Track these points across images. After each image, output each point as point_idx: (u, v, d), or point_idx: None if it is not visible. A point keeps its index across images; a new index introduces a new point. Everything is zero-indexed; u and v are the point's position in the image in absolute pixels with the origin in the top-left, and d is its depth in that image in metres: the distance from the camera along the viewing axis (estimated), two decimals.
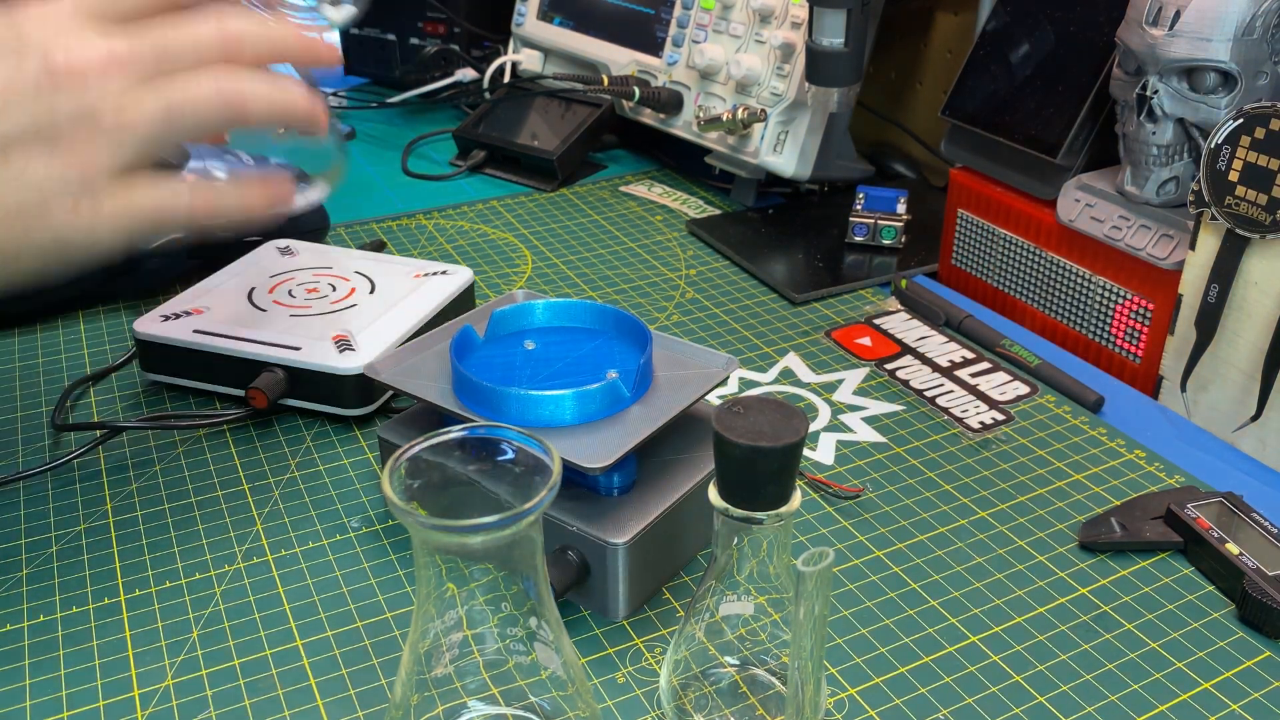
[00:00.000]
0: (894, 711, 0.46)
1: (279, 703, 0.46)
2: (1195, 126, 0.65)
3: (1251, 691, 0.47)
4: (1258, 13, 0.61)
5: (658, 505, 0.50)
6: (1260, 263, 0.61)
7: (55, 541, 0.55)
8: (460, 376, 0.52)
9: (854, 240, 0.85)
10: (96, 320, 0.75)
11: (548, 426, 0.50)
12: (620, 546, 0.48)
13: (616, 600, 0.50)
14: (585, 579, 0.50)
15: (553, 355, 0.55)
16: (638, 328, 0.55)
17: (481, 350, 0.55)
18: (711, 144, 0.94)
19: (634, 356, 0.54)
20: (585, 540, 0.49)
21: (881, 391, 0.68)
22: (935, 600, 0.52)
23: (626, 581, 0.49)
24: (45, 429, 0.64)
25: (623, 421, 0.51)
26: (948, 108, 0.81)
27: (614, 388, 0.51)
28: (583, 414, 0.50)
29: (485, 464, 0.39)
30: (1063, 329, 0.76)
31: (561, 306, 0.58)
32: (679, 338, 0.58)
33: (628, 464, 0.51)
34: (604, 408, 0.51)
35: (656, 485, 0.52)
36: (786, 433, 0.39)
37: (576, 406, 0.50)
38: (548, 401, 0.50)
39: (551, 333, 0.57)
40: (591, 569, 0.49)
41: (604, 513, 0.50)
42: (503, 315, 0.57)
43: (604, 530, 0.49)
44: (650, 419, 0.51)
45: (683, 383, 0.53)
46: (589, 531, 0.49)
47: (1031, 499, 0.59)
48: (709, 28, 0.93)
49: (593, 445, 0.49)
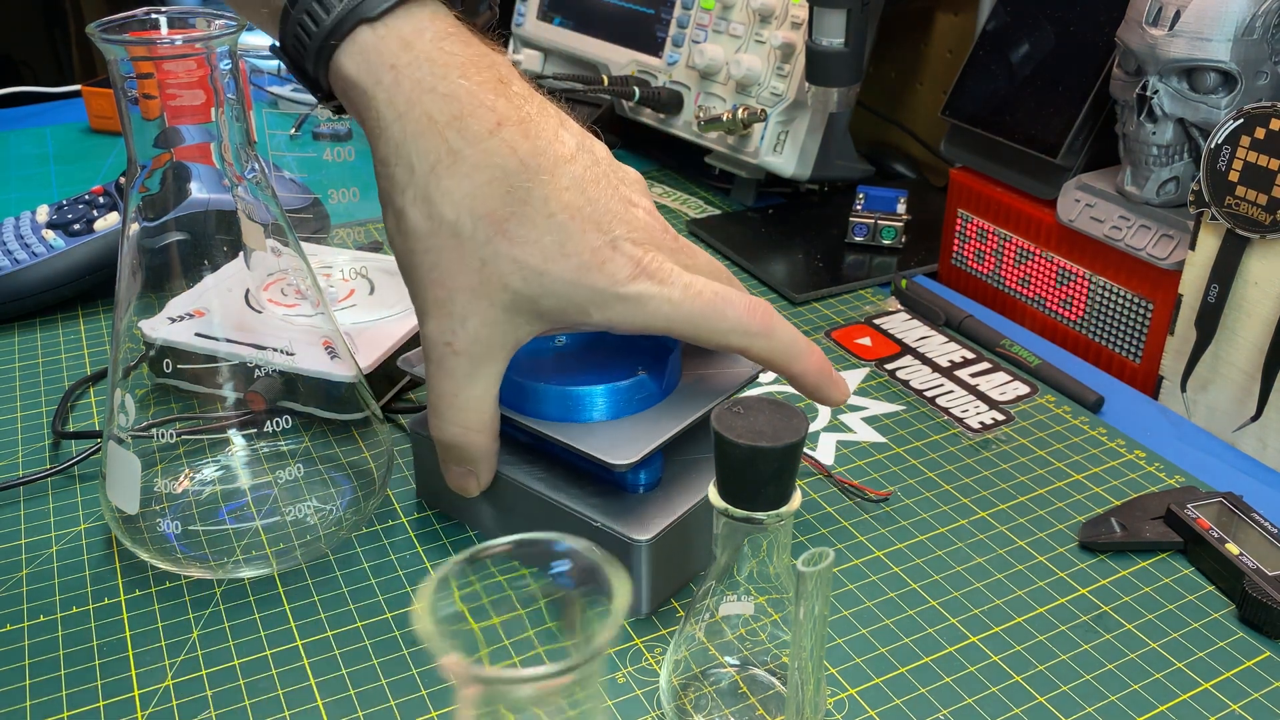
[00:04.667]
0: (894, 711, 0.46)
1: (279, 703, 0.46)
2: (1195, 126, 0.65)
3: (1252, 692, 0.47)
4: (1258, 13, 0.61)
5: (683, 503, 0.50)
6: (1260, 263, 0.61)
7: (55, 542, 0.55)
8: None
9: (854, 240, 0.85)
10: (96, 320, 0.75)
11: (575, 422, 0.50)
12: (644, 544, 0.48)
13: (639, 597, 0.50)
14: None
15: (582, 352, 0.55)
16: None
17: None
18: (711, 144, 0.94)
19: (662, 355, 0.54)
20: (609, 537, 0.49)
21: (881, 391, 0.68)
22: (935, 600, 0.52)
23: (650, 578, 0.49)
24: (45, 431, 0.64)
25: (650, 419, 0.51)
26: (948, 108, 0.81)
27: (642, 384, 0.51)
28: (611, 410, 0.50)
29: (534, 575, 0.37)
30: (1063, 329, 0.76)
31: None
32: None
33: (654, 461, 0.51)
34: (632, 405, 0.51)
35: (683, 483, 0.52)
36: (786, 433, 0.39)
37: (605, 402, 0.50)
38: (576, 397, 0.50)
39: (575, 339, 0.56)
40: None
41: (629, 509, 0.50)
42: None
43: (628, 527, 0.49)
44: (678, 417, 0.51)
45: (711, 382, 0.53)
46: (613, 528, 0.49)
47: (1031, 499, 0.59)
48: (709, 28, 0.93)
49: (620, 441, 0.49)
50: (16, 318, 0.75)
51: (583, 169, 0.48)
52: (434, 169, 0.46)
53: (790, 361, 0.50)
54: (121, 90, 0.46)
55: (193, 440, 0.57)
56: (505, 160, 0.46)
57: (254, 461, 0.57)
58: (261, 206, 0.51)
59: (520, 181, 0.46)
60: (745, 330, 0.49)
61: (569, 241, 0.46)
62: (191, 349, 0.56)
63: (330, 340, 0.56)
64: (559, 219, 0.46)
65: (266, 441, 0.57)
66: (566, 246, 0.46)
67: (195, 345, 0.59)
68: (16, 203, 0.94)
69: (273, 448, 0.57)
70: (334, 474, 0.57)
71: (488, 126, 0.46)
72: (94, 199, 0.79)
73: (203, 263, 0.52)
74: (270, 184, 0.52)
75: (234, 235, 0.52)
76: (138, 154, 0.48)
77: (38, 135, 1.11)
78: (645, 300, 0.47)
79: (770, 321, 0.50)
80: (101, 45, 0.45)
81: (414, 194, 0.47)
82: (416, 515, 0.57)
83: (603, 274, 0.47)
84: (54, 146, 1.09)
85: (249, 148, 0.50)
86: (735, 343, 0.49)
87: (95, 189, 0.80)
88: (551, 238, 0.46)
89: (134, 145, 0.48)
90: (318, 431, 0.58)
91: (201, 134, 0.48)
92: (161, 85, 0.46)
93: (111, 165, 1.03)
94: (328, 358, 0.58)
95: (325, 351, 0.60)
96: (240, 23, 0.47)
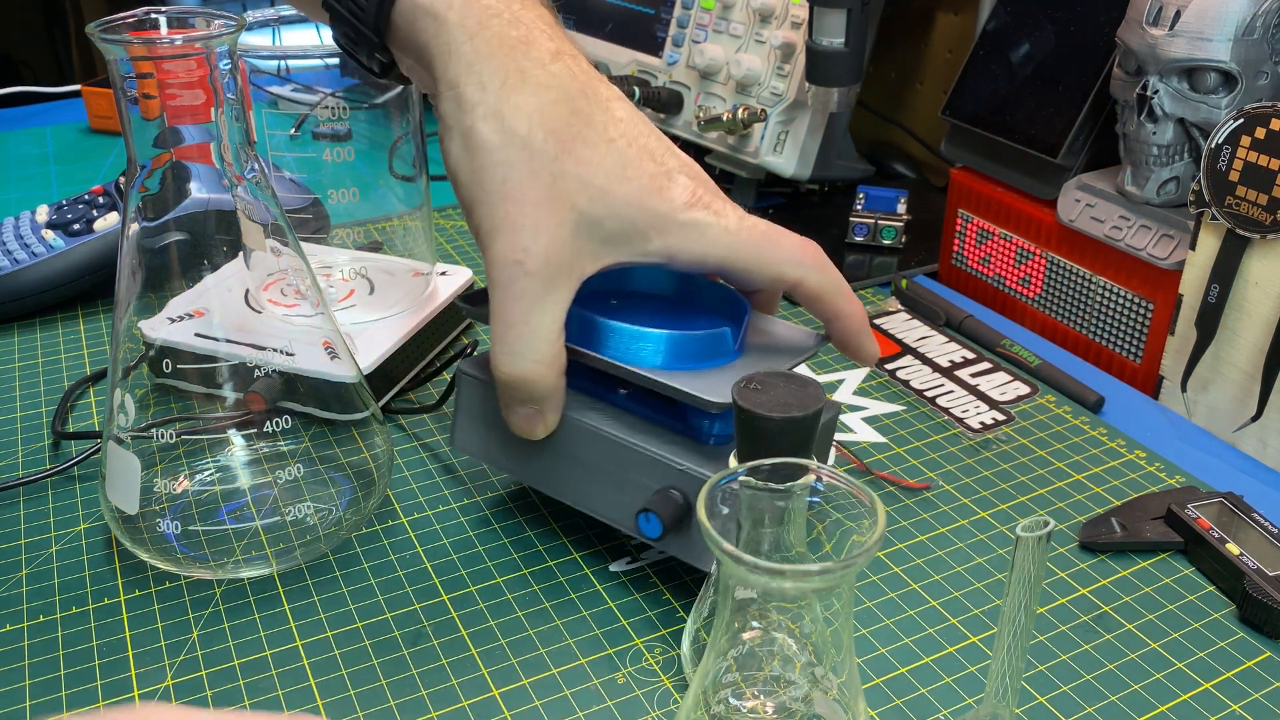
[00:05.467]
0: (894, 712, 0.46)
1: (279, 703, 0.46)
2: (1195, 126, 0.65)
3: (1252, 692, 0.47)
4: (1258, 13, 0.61)
5: None
6: (1260, 263, 0.61)
7: (55, 542, 0.55)
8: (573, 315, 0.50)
9: (854, 240, 0.85)
10: (96, 320, 0.75)
11: (655, 368, 0.49)
12: None
13: None
14: (689, 520, 0.49)
15: (657, 308, 0.54)
16: (732, 296, 0.54)
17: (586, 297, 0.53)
18: (712, 144, 0.94)
19: (738, 316, 0.53)
20: (690, 479, 0.48)
21: (882, 392, 0.68)
22: (935, 600, 0.52)
23: None
24: (45, 431, 0.64)
25: (730, 372, 0.49)
26: (948, 108, 0.81)
27: (723, 338, 0.51)
28: (696, 358, 0.50)
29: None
30: (1063, 329, 0.76)
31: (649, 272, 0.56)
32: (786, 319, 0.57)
33: (728, 415, 0.50)
34: (712, 357, 0.50)
35: None
36: (811, 401, 0.40)
37: (695, 348, 0.50)
38: (670, 340, 0.50)
39: (647, 292, 0.56)
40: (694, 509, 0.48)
41: (705, 455, 0.49)
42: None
43: (709, 468, 0.48)
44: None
45: (776, 350, 0.53)
46: (695, 469, 0.48)
47: (1032, 499, 0.58)
48: (709, 28, 0.93)
49: (709, 387, 0.48)
50: (16, 318, 0.75)
51: (631, 109, 0.50)
52: (505, 84, 0.48)
53: (840, 299, 0.51)
54: (121, 90, 0.46)
55: (192, 440, 0.57)
56: (568, 84, 0.48)
57: (254, 462, 0.57)
58: (261, 206, 0.51)
59: (582, 105, 0.48)
60: (800, 262, 0.50)
61: (629, 166, 0.48)
62: (191, 349, 0.56)
63: (330, 340, 0.56)
64: (618, 144, 0.48)
65: (266, 442, 0.57)
66: (628, 170, 0.48)
67: (195, 345, 0.59)
68: (16, 203, 0.94)
69: (272, 448, 0.57)
70: (334, 474, 0.57)
71: (550, 52, 0.49)
72: (94, 199, 0.79)
73: (202, 263, 0.52)
74: (270, 184, 0.52)
75: (234, 235, 0.52)
76: (137, 154, 0.48)
77: (38, 135, 1.11)
78: (704, 227, 0.48)
79: (824, 258, 0.51)
80: (101, 45, 0.45)
81: (485, 110, 0.48)
82: (416, 515, 0.57)
83: (662, 199, 0.48)
84: (54, 146, 1.09)
85: (249, 148, 0.50)
86: (790, 274, 0.50)
87: (95, 189, 0.80)
88: (614, 160, 0.48)
89: (134, 145, 0.48)
90: (317, 431, 0.58)
91: (201, 134, 0.48)
92: (161, 85, 0.46)
93: (111, 165, 1.03)
94: (327, 358, 0.58)
95: (325, 351, 0.60)
96: (240, 22, 0.47)
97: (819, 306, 0.51)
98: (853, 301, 0.52)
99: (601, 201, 0.47)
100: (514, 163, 0.48)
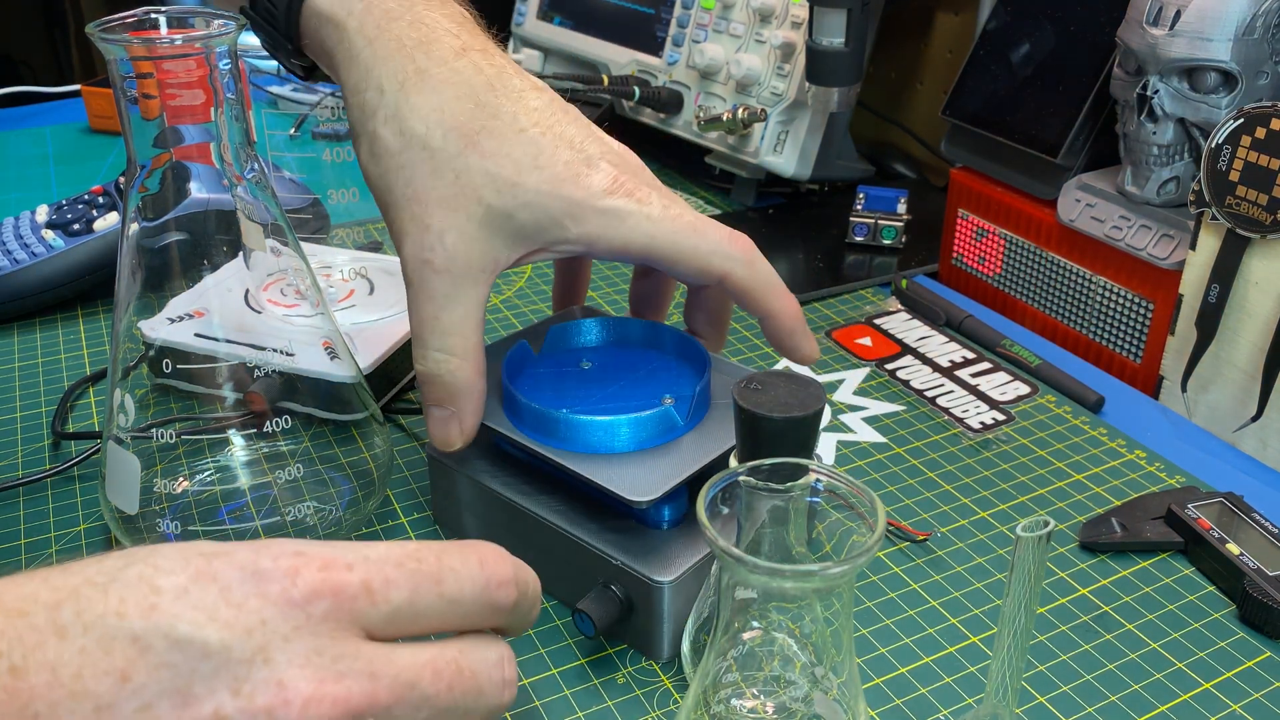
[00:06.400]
0: (894, 712, 0.46)
1: None
2: (1196, 126, 0.65)
3: (1252, 692, 0.47)
4: (1258, 12, 0.61)
5: None
6: (1261, 262, 0.61)
7: (55, 542, 0.55)
8: (510, 396, 0.50)
9: (854, 240, 0.85)
10: (96, 320, 0.75)
11: (597, 453, 0.48)
12: (666, 585, 0.46)
13: (661, 641, 0.47)
14: (629, 617, 0.47)
15: (608, 376, 0.53)
16: (698, 351, 0.53)
17: (536, 367, 0.53)
18: (711, 144, 0.94)
19: (692, 380, 0.52)
20: (629, 577, 0.47)
21: (882, 392, 0.68)
22: (936, 600, 0.52)
23: (672, 620, 0.47)
24: (45, 431, 0.64)
25: (676, 451, 0.48)
26: (948, 108, 0.81)
27: (667, 415, 0.49)
28: (635, 441, 0.48)
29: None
30: (1063, 329, 0.76)
31: (620, 325, 0.56)
32: (734, 361, 0.56)
33: (679, 496, 0.48)
34: (657, 435, 0.48)
35: None
36: (812, 400, 0.40)
37: (628, 433, 0.48)
38: (598, 427, 0.48)
39: (609, 351, 0.55)
40: (636, 607, 0.47)
41: (651, 548, 0.47)
42: (560, 331, 0.55)
43: (649, 567, 0.46)
44: (705, 450, 0.48)
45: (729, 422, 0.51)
46: (633, 567, 0.46)
47: (1032, 499, 0.58)
48: (709, 27, 0.93)
49: (641, 476, 0.46)
50: (16, 318, 0.75)
51: (550, 98, 0.49)
52: (402, 87, 0.47)
53: (769, 295, 0.50)
54: (121, 90, 0.46)
55: (192, 440, 0.57)
56: (472, 78, 0.48)
57: (253, 462, 0.57)
58: (261, 206, 0.51)
59: (488, 98, 0.47)
60: (727, 254, 0.48)
61: (541, 155, 0.47)
62: (191, 349, 0.56)
63: (330, 340, 0.56)
64: (530, 134, 0.47)
65: (266, 442, 0.57)
66: (539, 159, 0.47)
67: (195, 345, 0.59)
68: (16, 203, 0.94)
69: (272, 448, 0.57)
70: (333, 474, 0.57)
71: (454, 49, 0.48)
72: (94, 199, 0.79)
73: (202, 263, 0.52)
74: (270, 184, 0.52)
75: (234, 235, 0.52)
76: (137, 154, 0.48)
77: (37, 135, 1.11)
78: (624, 215, 0.47)
79: (753, 250, 0.49)
80: (101, 45, 0.45)
81: (385, 114, 0.48)
82: (416, 515, 0.57)
83: (578, 185, 0.47)
84: (54, 146, 1.09)
85: (249, 148, 0.50)
86: (717, 265, 0.48)
87: (95, 189, 0.80)
88: (523, 150, 0.47)
89: (133, 145, 0.47)
90: (317, 432, 0.58)
91: (201, 134, 0.48)
92: (161, 85, 0.46)
93: (111, 165, 1.03)
94: (327, 358, 0.58)
95: (325, 352, 0.60)
96: (240, 22, 0.47)
97: (750, 303, 0.50)
98: (785, 298, 0.50)
99: (510, 193, 0.46)
100: (415, 164, 0.47)
